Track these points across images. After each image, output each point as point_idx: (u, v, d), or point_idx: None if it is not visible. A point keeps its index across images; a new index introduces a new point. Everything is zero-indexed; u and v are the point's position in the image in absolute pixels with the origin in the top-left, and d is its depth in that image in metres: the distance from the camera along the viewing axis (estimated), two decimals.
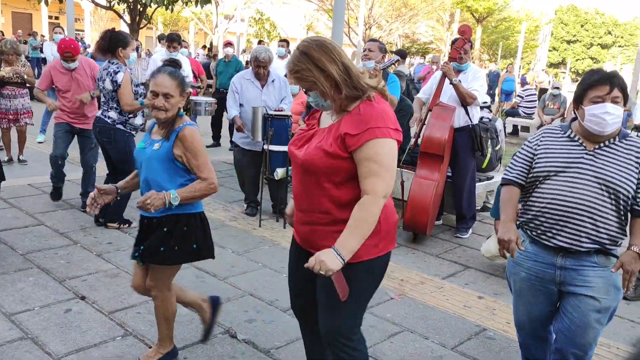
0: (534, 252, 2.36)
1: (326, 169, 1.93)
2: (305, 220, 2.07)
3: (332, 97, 1.94)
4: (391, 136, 1.90)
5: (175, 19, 31.17)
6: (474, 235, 5.10)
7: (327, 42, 1.95)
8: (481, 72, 4.89)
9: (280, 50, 8.33)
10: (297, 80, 1.95)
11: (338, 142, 1.91)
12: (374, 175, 1.87)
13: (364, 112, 1.91)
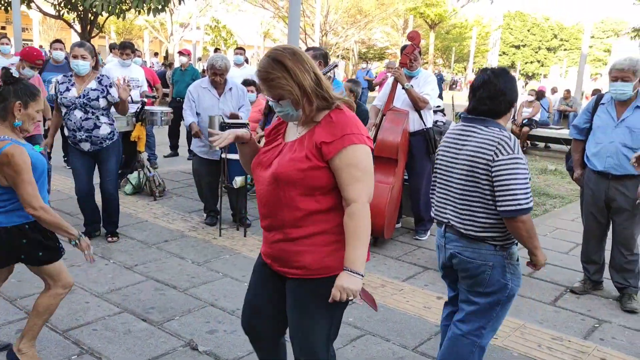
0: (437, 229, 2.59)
1: (302, 181, 1.90)
2: (277, 238, 2.01)
3: (303, 107, 1.92)
4: (366, 142, 1.92)
5: (128, 28, 30.59)
6: (432, 237, 5.20)
7: (300, 52, 1.95)
8: (432, 77, 5.02)
9: (238, 58, 8.31)
10: (269, 88, 1.92)
11: (314, 151, 1.89)
12: (357, 181, 1.88)
13: (337, 120, 1.91)
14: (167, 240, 4.78)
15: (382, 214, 4.63)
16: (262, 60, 1.93)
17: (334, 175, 1.91)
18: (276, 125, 2.13)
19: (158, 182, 6.10)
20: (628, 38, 28.34)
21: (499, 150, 2.29)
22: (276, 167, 1.95)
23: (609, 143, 3.72)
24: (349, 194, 1.89)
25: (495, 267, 2.38)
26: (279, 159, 1.97)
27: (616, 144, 3.69)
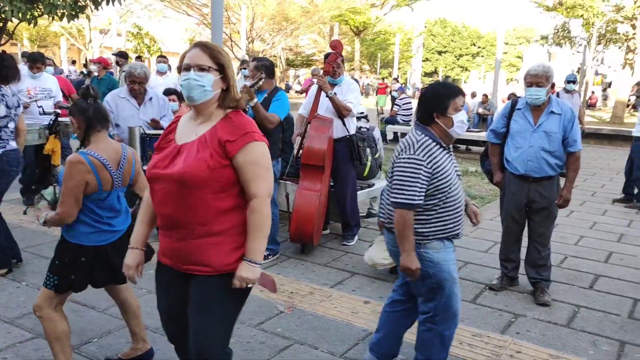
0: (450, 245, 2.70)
1: (207, 179, 1.95)
2: (177, 237, 2.03)
3: (222, 95, 2.03)
4: (264, 141, 2.05)
5: (43, 35, 29.01)
6: (359, 242, 5.28)
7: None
8: (354, 85, 5.11)
9: (162, 66, 8.10)
10: (207, 53, 2.00)
11: (218, 150, 1.96)
12: (258, 177, 1.99)
13: (236, 120, 2.03)
14: None
15: (312, 221, 4.66)
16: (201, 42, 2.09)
17: (237, 173, 1.99)
18: (165, 135, 2.15)
19: None
20: (538, 45, 30.31)
21: (404, 149, 2.58)
22: (181, 166, 1.96)
23: (529, 147, 3.92)
24: (252, 190, 1.99)
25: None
26: (182, 160, 1.98)
27: (535, 148, 3.90)
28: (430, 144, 2.56)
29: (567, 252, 5.24)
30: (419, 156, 2.51)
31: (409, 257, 2.56)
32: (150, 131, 4.70)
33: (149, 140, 4.58)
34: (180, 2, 23.30)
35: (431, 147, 2.55)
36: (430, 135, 2.58)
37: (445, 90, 2.63)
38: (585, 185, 8.87)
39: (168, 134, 2.14)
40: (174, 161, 2.00)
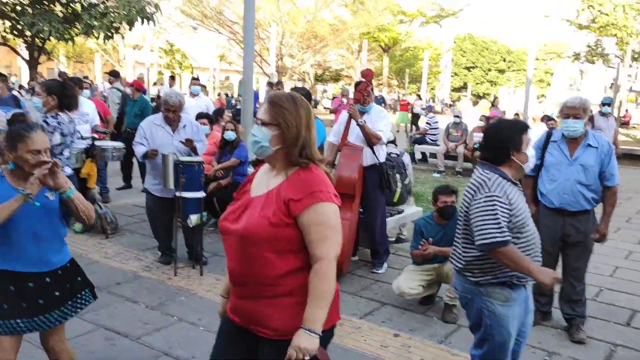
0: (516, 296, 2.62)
1: (270, 238, 1.89)
2: (246, 294, 1.99)
3: (282, 151, 1.95)
4: (333, 200, 1.92)
5: (79, 52, 29.90)
6: (389, 269, 5.25)
7: (312, 113, 2.03)
8: (384, 113, 5.12)
9: (195, 88, 8.27)
10: (270, 110, 1.94)
11: (282, 208, 1.89)
12: (324, 239, 1.88)
13: (305, 178, 1.93)
14: (120, 282, 4.64)
15: (342, 251, 4.64)
16: (283, 92, 2.06)
17: (302, 233, 1.90)
18: (243, 185, 2.13)
19: (110, 219, 5.93)
20: (569, 61, 29.83)
21: (478, 189, 2.54)
22: (245, 223, 1.93)
23: (565, 180, 3.85)
24: (317, 252, 1.88)
25: (473, 301, 2.62)
26: (247, 214, 1.96)
27: (572, 182, 3.83)
28: (502, 181, 2.56)
29: (602, 284, 5.11)
30: (495, 192, 2.50)
31: (540, 274, 2.48)
32: (183, 158, 4.78)
33: (182, 167, 4.66)
34: (211, 20, 23.74)
35: (504, 184, 2.55)
36: (500, 173, 2.58)
37: (516, 127, 2.65)
38: (619, 211, 8.62)
39: (246, 183, 2.12)
40: (242, 215, 1.97)
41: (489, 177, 2.54)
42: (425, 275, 4.33)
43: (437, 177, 11.03)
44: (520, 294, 2.62)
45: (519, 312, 2.63)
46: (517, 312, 2.62)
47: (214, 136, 6.47)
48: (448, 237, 4.23)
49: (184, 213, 4.77)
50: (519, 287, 2.61)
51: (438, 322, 4.18)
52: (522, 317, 2.67)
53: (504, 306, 2.57)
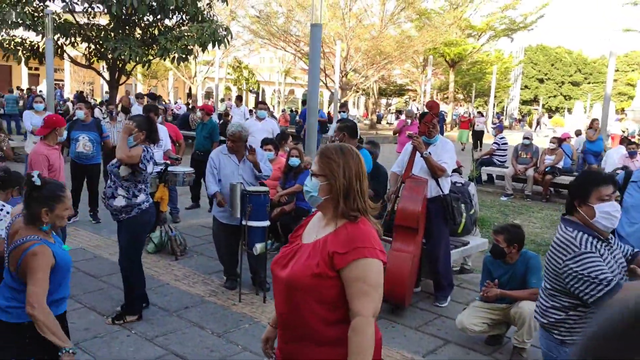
0: None
1: (313, 288, 1.93)
2: (292, 338, 2.04)
3: (332, 202, 1.99)
4: (378, 257, 1.93)
5: (154, 70, 31.46)
6: (452, 303, 5.14)
7: (363, 164, 2.05)
8: (450, 145, 5.06)
9: (262, 113, 8.51)
10: (319, 162, 2.01)
11: (326, 260, 1.92)
12: (364, 295, 1.88)
13: (352, 232, 1.95)
14: (188, 306, 4.82)
15: (404, 284, 4.62)
16: (333, 144, 2.08)
17: (344, 286, 1.92)
18: (297, 229, 2.18)
19: (179, 242, 6.19)
20: None
21: (566, 251, 2.47)
22: (290, 270, 1.98)
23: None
24: (355, 307, 1.89)
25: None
26: (294, 261, 2.01)
27: None
28: (587, 237, 2.46)
29: None
30: (586, 249, 2.42)
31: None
32: (250, 188, 4.92)
33: (248, 196, 4.80)
34: (278, 40, 24.32)
35: (590, 240, 2.46)
36: (580, 228, 2.48)
37: (590, 177, 2.57)
38: None
39: (299, 228, 2.17)
40: (290, 261, 2.03)
41: (573, 236, 2.44)
42: (490, 313, 4.21)
43: (505, 201, 10.69)
44: None
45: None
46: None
47: (279, 162, 6.61)
48: (517, 277, 4.11)
49: (250, 241, 4.90)
50: None
51: None
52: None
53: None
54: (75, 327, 4.32)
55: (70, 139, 7.19)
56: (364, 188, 2.01)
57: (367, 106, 39.56)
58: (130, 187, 4.37)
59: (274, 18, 23.80)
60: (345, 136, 4.62)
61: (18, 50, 13.90)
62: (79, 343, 4.07)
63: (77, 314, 4.57)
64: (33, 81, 37.38)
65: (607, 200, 2.44)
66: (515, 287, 4.06)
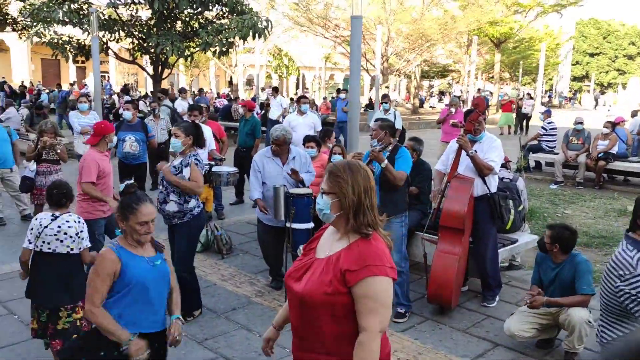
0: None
1: (326, 304, 2.00)
2: (305, 348, 2.12)
3: (343, 218, 2.05)
4: (388, 274, 1.99)
5: (196, 60, 31.91)
6: (501, 303, 5.04)
7: (372, 180, 2.09)
8: (497, 142, 4.89)
9: (305, 107, 8.50)
10: (329, 180, 2.07)
11: (338, 277, 1.99)
12: (371, 312, 1.95)
13: (363, 249, 2.01)
14: (235, 308, 4.91)
15: (450, 286, 4.56)
16: (342, 162, 2.13)
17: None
18: (310, 241, 2.25)
19: (225, 240, 6.29)
20: None
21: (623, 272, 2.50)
22: (304, 285, 2.06)
23: None
24: (363, 323, 1.97)
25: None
26: (308, 276, 2.08)
27: None
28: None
29: None
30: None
31: None
32: (293, 190, 4.93)
33: (292, 199, 4.81)
34: (317, 26, 24.14)
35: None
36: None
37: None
38: None
39: (313, 240, 2.24)
40: (304, 275, 2.10)
41: (631, 256, 2.42)
42: (540, 318, 4.09)
43: (555, 189, 10.34)
44: None
45: None
46: None
47: (321, 158, 6.57)
48: (563, 278, 4.00)
49: (294, 244, 4.92)
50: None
51: None
52: None
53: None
54: None
55: (117, 139, 7.39)
56: (373, 203, 2.07)
57: (409, 89, 38.90)
58: (182, 193, 4.46)
59: (313, 4, 23.59)
60: (386, 134, 4.56)
61: (66, 49, 14.35)
62: None
63: None
64: (80, 75, 38.61)
65: None
66: (561, 288, 3.95)
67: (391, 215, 4.54)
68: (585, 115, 14.97)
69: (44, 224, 3.59)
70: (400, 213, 4.58)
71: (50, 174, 6.72)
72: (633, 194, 10.07)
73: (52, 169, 6.76)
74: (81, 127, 8.13)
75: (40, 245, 3.58)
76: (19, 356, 4.05)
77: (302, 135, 7.83)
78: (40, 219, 3.64)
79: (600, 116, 24.34)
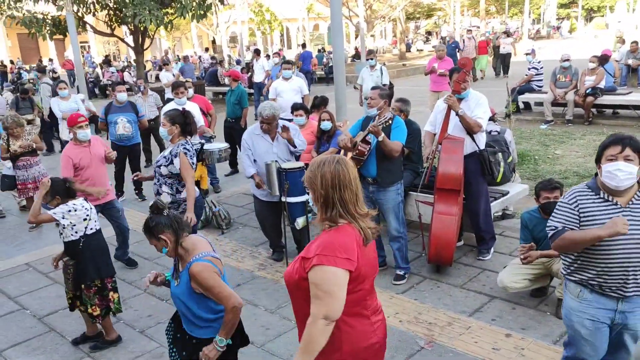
0: (595, 299, 2.70)
1: (298, 287, 2.15)
2: (297, 324, 2.31)
3: (320, 210, 2.17)
4: (338, 265, 2.04)
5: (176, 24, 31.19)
6: (496, 255, 5.20)
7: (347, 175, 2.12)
8: (483, 99, 4.91)
9: (287, 72, 8.42)
10: (307, 173, 2.18)
11: (301, 264, 2.12)
12: (316, 298, 2.06)
13: (324, 239, 2.11)
14: (240, 284, 5.06)
15: (451, 246, 4.71)
16: (320, 157, 2.22)
17: None
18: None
19: (224, 216, 6.39)
20: None
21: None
22: (285, 271, 2.25)
23: None
24: (311, 308, 2.09)
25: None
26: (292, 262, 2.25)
27: None
28: (576, 192, 2.68)
29: None
30: (564, 199, 2.72)
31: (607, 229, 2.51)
32: (285, 165, 4.99)
33: (285, 174, 4.87)
34: None
35: (578, 195, 2.67)
36: (590, 184, 2.68)
37: (604, 140, 2.69)
38: None
39: None
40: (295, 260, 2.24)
41: (577, 188, 2.71)
42: (531, 269, 4.23)
43: (545, 129, 10.40)
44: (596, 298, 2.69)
45: (591, 313, 2.71)
46: (589, 312, 2.71)
47: (311, 125, 6.60)
48: None
49: (291, 217, 5.03)
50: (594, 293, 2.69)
51: (552, 318, 4.12)
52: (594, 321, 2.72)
53: (574, 300, 2.75)
54: (139, 314, 4.64)
55: (108, 122, 7.36)
56: (344, 197, 2.11)
57: (395, 33, 38.19)
58: (174, 183, 4.51)
59: None
60: (385, 104, 4.60)
61: (42, 27, 14.00)
62: (145, 330, 4.37)
63: (138, 300, 4.87)
64: (60, 48, 37.71)
65: (612, 160, 2.54)
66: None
67: (387, 184, 4.63)
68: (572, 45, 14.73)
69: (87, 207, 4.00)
70: (396, 181, 4.67)
71: (30, 167, 6.72)
72: (622, 127, 10.15)
73: (32, 162, 6.75)
74: (62, 112, 8.08)
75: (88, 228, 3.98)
76: (35, 351, 4.21)
77: (289, 100, 7.84)
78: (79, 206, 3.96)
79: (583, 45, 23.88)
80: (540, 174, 7.51)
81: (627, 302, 2.65)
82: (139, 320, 4.55)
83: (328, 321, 2.06)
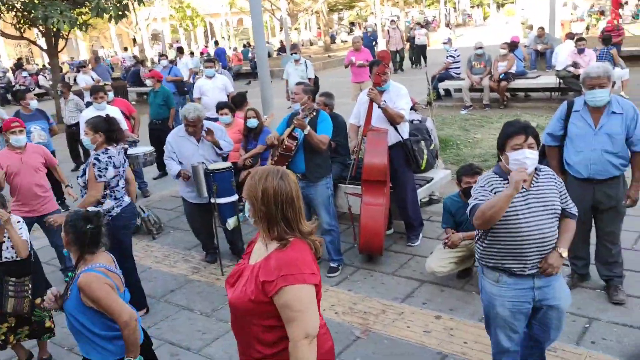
0: (514, 282, 2.82)
1: (251, 311, 2.02)
2: (242, 351, 2.18)
3: (260, 224, 2.05)
4: (305, 281, 1.98)
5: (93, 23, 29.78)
6: (424, 240, 5.39)
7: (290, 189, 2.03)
8: (404, 90, 5.06)
9: (210, 71, 8.28)
10: (247, 183, 2.06)
11: (260, 288, 1.99)
12: (293, 321, 1.96)
13: (278, 259, 1.99)
14: (173, 289, 4.96)
15: (380, 236, 4.82)
16: (264, 168, 2.10)
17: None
18: (250, 243, 2.25)
19: (153, 221, 6.23)
20: None
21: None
22: (233, 293, 2.09)
23: (591, 151, 3.83)
24: (288, 332, 1.99)
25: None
26: (239, 283, 2.10)
27: (598, 151, 3.81)
28: (492, 177, 2.83)
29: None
30: (479, 184, 2.85)
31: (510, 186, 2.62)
32: (212, 166, 4.92)
33: (212, 175, 4.81)
34: None
35: (492, 178, 2.82)
36: (497, 171, 2.85)
37: (504, 130, 2.82)
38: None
39: (251, 243, 2.23)
40: (237, 281, 2.12)
41: (483, 176, 2.88)
42: (455, 252, 4.42)
43: (465, 114, 10.86)
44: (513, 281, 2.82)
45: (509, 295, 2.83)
46: (507, 295, 2.83)
47: (237, 124, 6.54)
48: None
49: (222, 218, 4.98)
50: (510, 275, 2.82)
51: (477, 297, 4.29)
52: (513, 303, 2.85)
53: (493, 286, 2.87)
54: (67, 332, 4.43)
55: None
56: (288, 215, 2.02)
57: (319, 25, 38.40)
58: None
59: None
60: (309, 99, 4.66)
61: None
62: (73, 348, 4.20)
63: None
64: None
65: (518, 149, 2.70)
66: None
67: (316, 179, 4.69)
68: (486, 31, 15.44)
69: None
70: (325, 176, 4.73)
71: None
72: (534, 108, 10.78)
73: None
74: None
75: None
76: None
77: (214, 99, 7.73)
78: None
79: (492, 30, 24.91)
80: (462, 157, 7.84)
81: (541, 277, 2.82)
82: (67, 339, 4.35)
83: (309, 339, 1.97)
